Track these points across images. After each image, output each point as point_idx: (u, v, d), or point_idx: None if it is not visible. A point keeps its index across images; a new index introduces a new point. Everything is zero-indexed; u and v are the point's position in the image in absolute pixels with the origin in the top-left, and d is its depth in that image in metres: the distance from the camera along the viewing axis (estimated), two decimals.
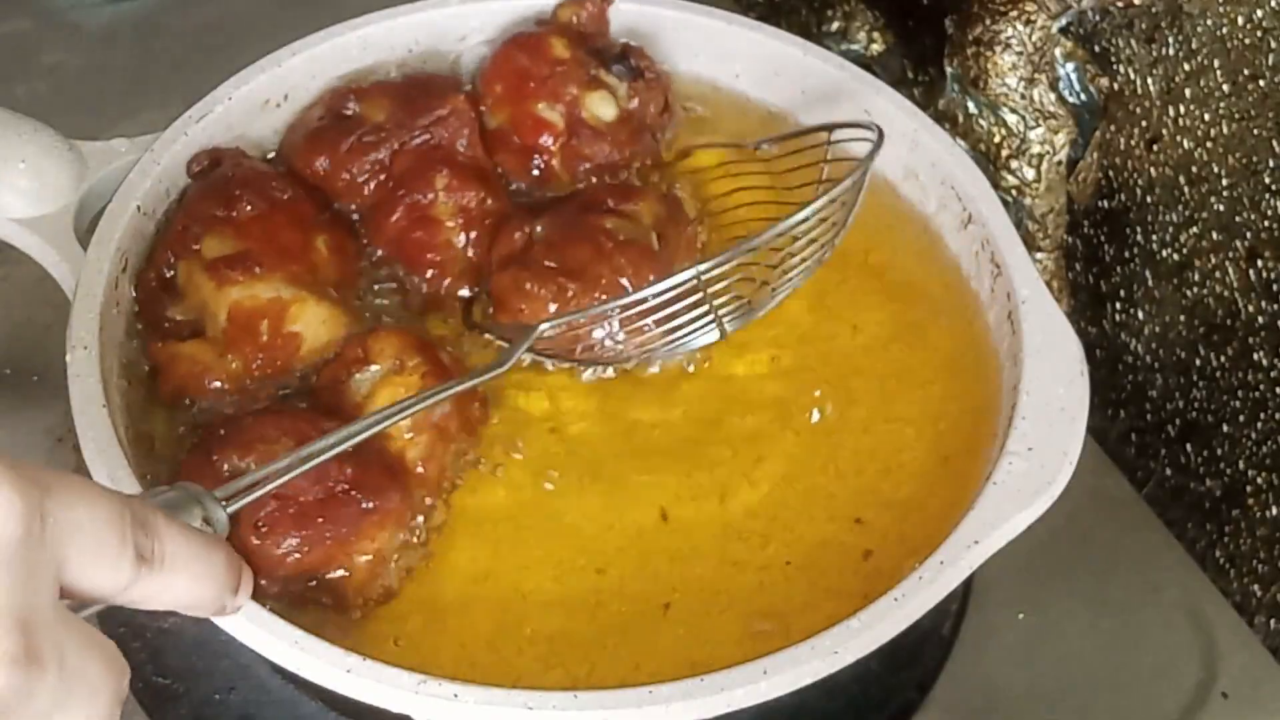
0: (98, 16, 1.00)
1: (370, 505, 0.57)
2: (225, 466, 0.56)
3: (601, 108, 0.72)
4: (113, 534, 0.36)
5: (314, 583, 0.56)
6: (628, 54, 0.74)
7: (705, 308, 0.61)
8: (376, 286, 0.68)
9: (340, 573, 0.56)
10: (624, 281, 0.64)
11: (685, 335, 0.62)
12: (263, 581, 0.55)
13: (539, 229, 0.66)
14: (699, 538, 0.61)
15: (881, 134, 0.64)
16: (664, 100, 0.75)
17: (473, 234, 0.68)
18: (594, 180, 0.72)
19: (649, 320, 0.61)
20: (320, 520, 0.56)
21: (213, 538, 0.42)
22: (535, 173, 0.72)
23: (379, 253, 0.68)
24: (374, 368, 0.61)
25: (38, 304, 0.80)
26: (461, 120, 0.70)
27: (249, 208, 0.65)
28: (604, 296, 0.63)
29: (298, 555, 0.55)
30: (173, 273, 0.64)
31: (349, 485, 0.56)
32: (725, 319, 0.62)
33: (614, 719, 0.51)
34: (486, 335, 0.66)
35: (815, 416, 0.65)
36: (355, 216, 0.69)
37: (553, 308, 0.63)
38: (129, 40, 0.99)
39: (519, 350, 0.60)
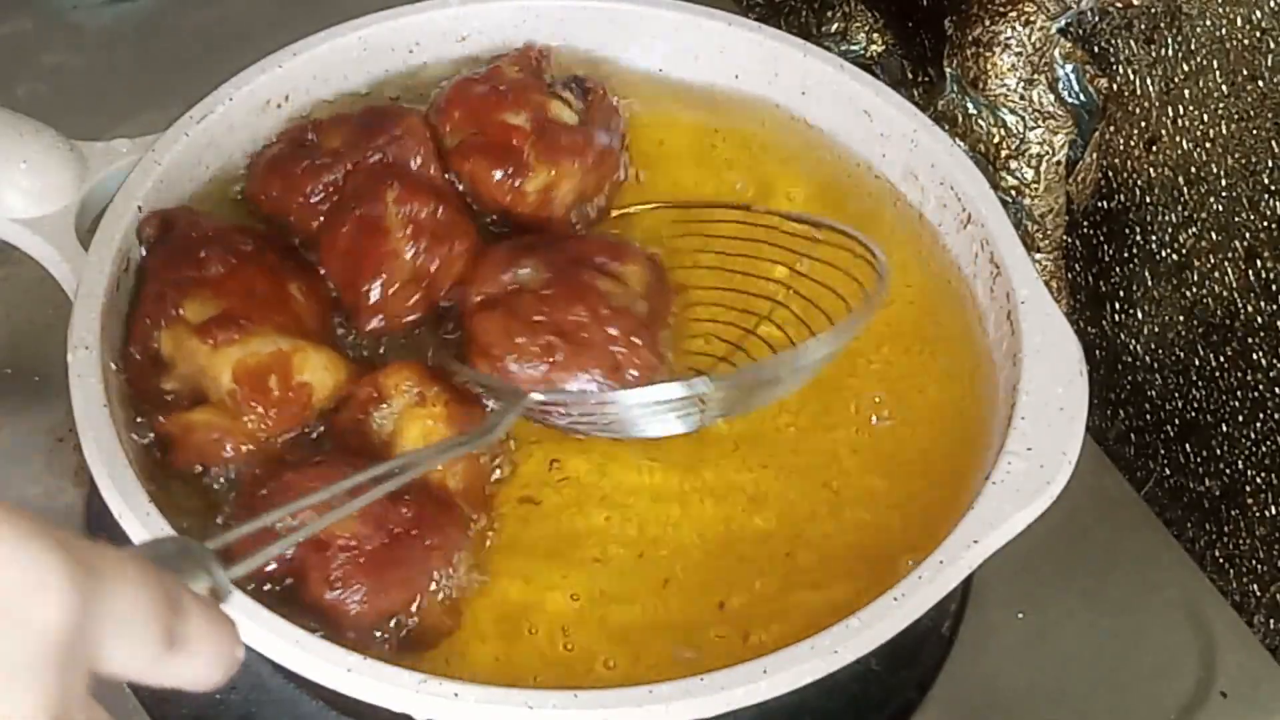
0: (99, 17, 1.00)
1: (432, 542, 0.57)
2: (278, 526, 0.53)
3: (564, 114, 0.72)
4: (151, 621, 0.35)
5: (392, 624, 0.56)
6: (578, 80, 0.74)
7: (696, 409, 0.59)
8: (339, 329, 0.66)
9: (415, 611, 0.57)
10: (615, 351, 0.61)
11: (660, 424, 0.60)
12: (350, 634, 0.55)
13: (525, 271, 0.64)
14: (710, 537, 0.61)
15: (883, 264, 0.64)
16: (620, 127, 0.74)
17: (421, 244, 0.66)
18: (574, 220, 0.71)
19: (634, 411, 0.59)
20: (389, 565, 0.56)
21: (225, 614, 0.41)
22: (506, 173, 0.69)
23: (336, 275, 0.66)
24: (393, 403, 0.60)
25: (39, 304, 0.80)
26: (415, 139, 0.69)
27: (219, 265, 0.63)
28: (595, 369, 0.61)
29: (374, 603, 0.55)
30: (156, 345, 0.62)
31: (409, 526, 0.56)
32: (706, 418, 0.61)
33: (614, 718, 0.51)
34: (454, 374, 0.63)
35: (816, 417, 0.66)
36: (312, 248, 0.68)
37: (539, 367, 0.61)
38: (130, 41, 0.99)
39: (509, 418, 0.59)
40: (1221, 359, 0.73)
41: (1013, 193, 0.77)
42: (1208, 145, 0.70)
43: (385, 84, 0.77)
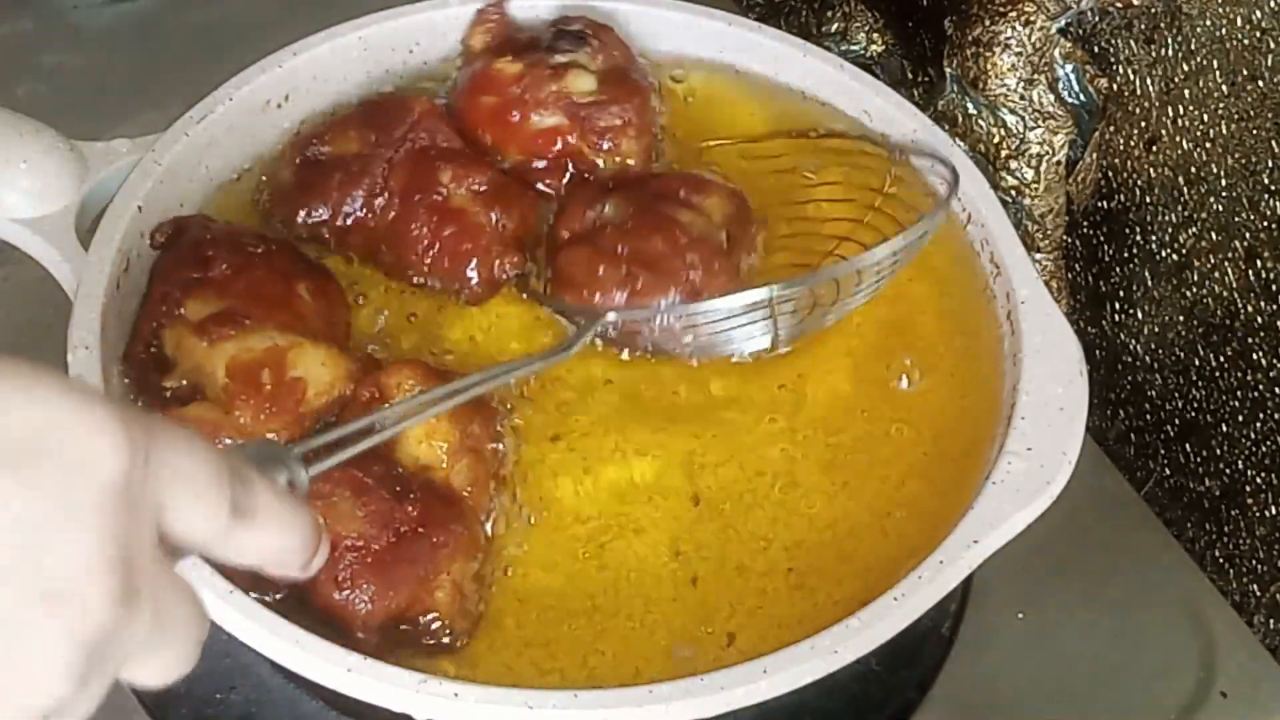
0: (99, 17, 1.00)
1: (439, 539, 0.57)
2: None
3: (580, 82, 0.71)
4: (212, 483, 0.36)
5: (406, 626, 0.56)
6: (562, 29, 0.73)
7: (768, 321, 0.62)
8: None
9: (427, 609, 0.56)
10: (693, 277, 0.64)
11: (738, 341, 0.63)
12: (359, 635, 0.55)
13: (608, 209, 0.66)
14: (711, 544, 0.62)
15: (957, 175, 0.66)
16: (620, 43, 0.74)
17: (495, 210, 0.67)
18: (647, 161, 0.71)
19: (711, 325, 0.62)
20: (397, 563, 0.56)
21: (300, 502, 0.42)
22: (578, 175, 0.71)
23: (425, 268, 0.67)
24: (396, 402, 0.60)
25: (39, 304, 0.79)
26: (433, 119, 0.70)
27: (225, 266, 0.63)
28: (674, 293, 0.63)
29: (384, 602, 0.55)
30: (159, 343, 0.62)
31: (415, 524, 0.56)
32: (780, 331, 0.63)
33: (614, 718, 0.51)
34: (545, 307, 0.66)
35: (816, 416, 0.66)
36: (384, 253, 0.68)
37: (620, 294, 0.63)
38: (130, 41, 0.99)
39: (585, 337, 0.61)
40: (1221, 359, 0.73)
41: (1013, 193, 0.77)
42: (1208, 145, 0.70)
43: (385, 84, 0.77)
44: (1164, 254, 0.75)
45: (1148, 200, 0.75)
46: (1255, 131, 0.67)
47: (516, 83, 0.71)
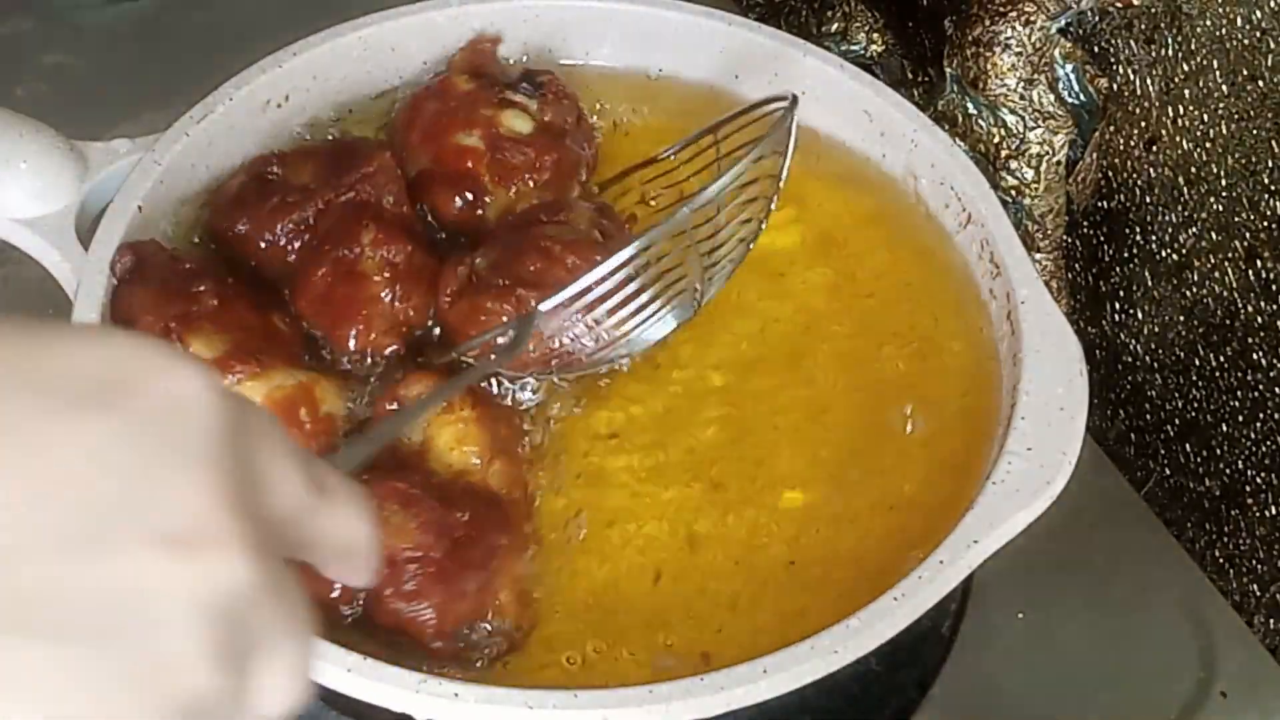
0: (99, 17, 1.00)
1: (495, 541, 0.57)
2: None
3: (516, 123, 0.71)
4: (296, 453, 0.33)
5: (473, 633, 0.56)
6: (529, 75, 0.74)
7: (661, 293, 0.60)
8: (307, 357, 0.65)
9: (493, 611, 0.57)
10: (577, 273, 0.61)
11: (644, 324, 0.61)
12: (435, 645, 0.55)
13: (479, 260, 0.65)
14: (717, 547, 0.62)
15: (795, 98, 0.64)
16: (576, 112, 0.74)
17: (398, 288, 0.65)
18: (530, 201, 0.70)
19: (610, 306, 0.59)
20: (461, 570, 0.56)
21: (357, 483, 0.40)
22: (465, 200, 0.69)
23: (311, 316, 0.65)
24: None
25: (39, 304, 0.80)
26: (388, 176, 0.68)
27: (213, 300, 0.62)
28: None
29: (454, 609, 0.55)
30: None
31: (468, 529, 0.56)
32: (675, 307, 0.62)
33: (614, 718, 0.51)
34: (463, 360, 0.63)
35: (816, 417, 0.66)
36: (281, 285, 0.66)
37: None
38: (130, 41, 0.99)
39: (527, 333, 0.59)
40: (1221, 359, 0.73)
41: (1013, 193, 0.77)
42: (1208, 145, 0.70)
43: (385, 84, 0.77)
44: (1164, 254, 0.75)
45: (1148, 200, 0.75)
46: (1255, 131, 0.67)
47: (462, 99, 0.71)
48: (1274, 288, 0.68)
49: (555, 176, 0.71)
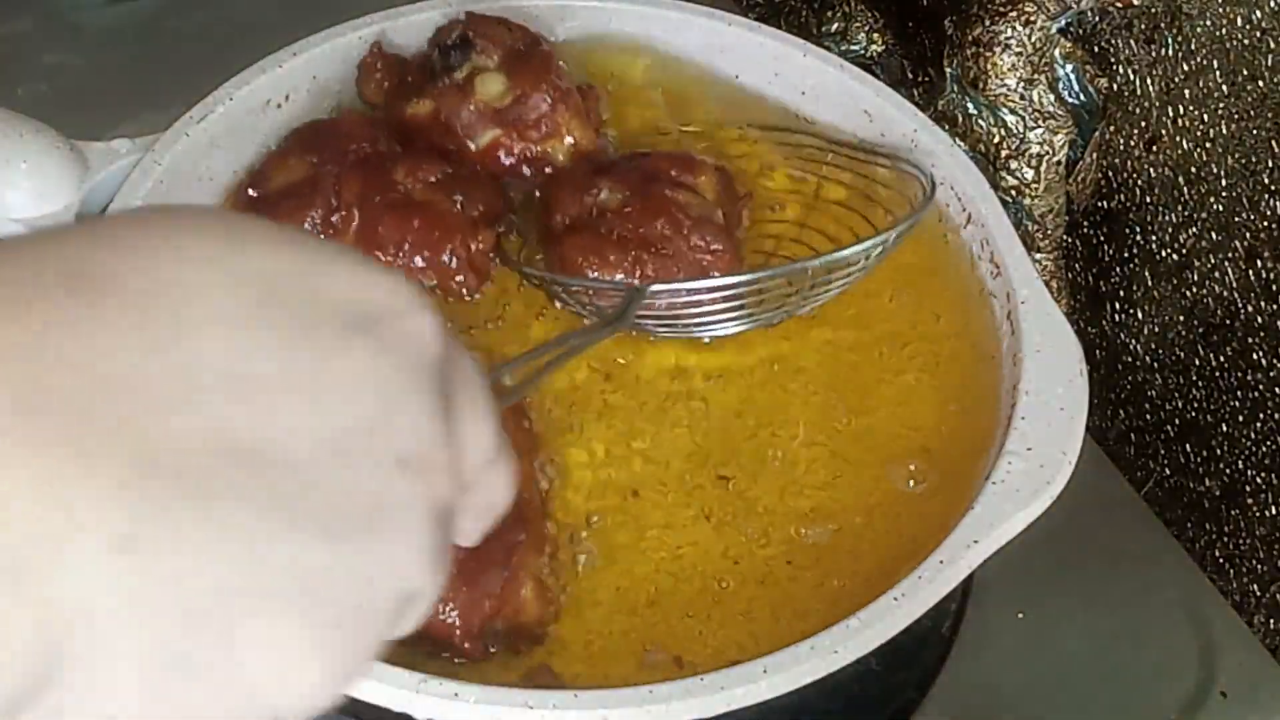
0: (99, 17, 1.00)
1: (513, 538, 0.57)
2: None
3: (490, 86, 0.70)
4: (489, 398, 0.35)
5: (498, 632, 0.56)
6: (448, 44, 0.72)
7: (742, 306, 0.63)
8: None
9: (516, 608, 0.57)
10: (699, 257, 0.65)
11: (718, 325, 0.65)
12: (465, 645, 0.55)
13: (604, 194, 0.67)
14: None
15: (934, 183, 0.67)
16: (502, 23, 0.73)
17: (458, 195, 0.66)
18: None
19: (703, 310, 0.63)
20: (483, 569, 0.56)
21: None
22: (537, 170, 0.71)
23: (402, 266, 0.65)
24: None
25: None
26: (367, 128, 0.68)
27: None
28: (681, 274, 0.65)
29: (480, 608, 0.55)
30: None
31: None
32: (753, 321, 0.65)
33: (614, 718, 0.51)
34: (532, 275, 0.66)
35: (815, 416, 0.66)
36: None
37: (630, 279, 0.64)
38: (130, 41, 0.99)
39: (633, 309, 0.61)
40: (1221, 359, 0.73)
41: (1013, 193, 0.77)
42: (1208, 145, 0.70)
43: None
44: (1164, 254, 0.75)
45: (1148, 200, 0.75)
46: (1255, 131, 0.67)
47: (436, 118, 0.71)
48: (1274, 288, 0.68)
49: (558, 93, 0.71)
